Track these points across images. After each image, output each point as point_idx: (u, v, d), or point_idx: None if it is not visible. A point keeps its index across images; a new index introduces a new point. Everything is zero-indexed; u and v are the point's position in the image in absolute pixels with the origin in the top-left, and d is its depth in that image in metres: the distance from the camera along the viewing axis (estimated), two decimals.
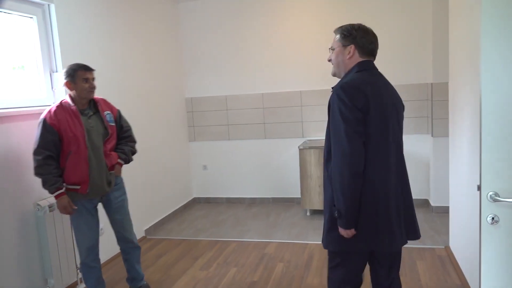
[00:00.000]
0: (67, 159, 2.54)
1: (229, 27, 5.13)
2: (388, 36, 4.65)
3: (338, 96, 1.75)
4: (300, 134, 5.07)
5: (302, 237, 3.99)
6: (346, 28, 1.92)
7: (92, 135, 2.61)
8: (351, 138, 1.71)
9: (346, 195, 1.73)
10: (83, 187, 2.58)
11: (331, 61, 1.98)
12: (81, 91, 2.58)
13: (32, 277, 2.82)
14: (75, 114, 2.56)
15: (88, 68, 2.62)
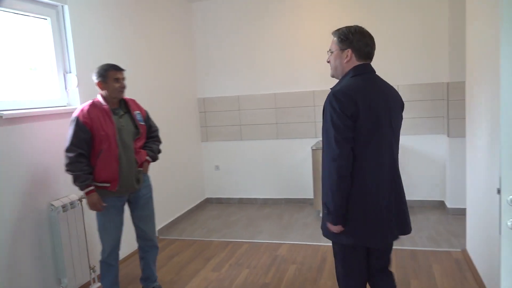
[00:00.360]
0: (98, 157, 2.59)
1: (242, 27, 5.11)
2: (404, 34, 4.57)
3: (330, 103, 1.84)
4: (313, 134, 5.02)
5: (315, 239, 3.95)
6: (343, 32, 1.97)
7: (123, 133, 2.67)
8: (339, 144, 1.82)
9: (334, 195, 1.85)
10: (113, 184, 2.63)
11: (329, 62, 2.05)
12: (112, 90, 2.64)
13: (46, 276, 2.84)
14: (107, 113, 2.62)
15: (118, 68, 2.69)
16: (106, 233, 2.73)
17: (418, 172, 4.73)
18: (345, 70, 1.98)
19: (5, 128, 2.58)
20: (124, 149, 2.66)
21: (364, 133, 1.84)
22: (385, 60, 4.55)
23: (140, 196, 2.84)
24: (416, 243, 3.70)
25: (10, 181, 2.60)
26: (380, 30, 4.58)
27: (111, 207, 2.70)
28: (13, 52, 2.86)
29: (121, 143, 2.64)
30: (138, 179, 2.79)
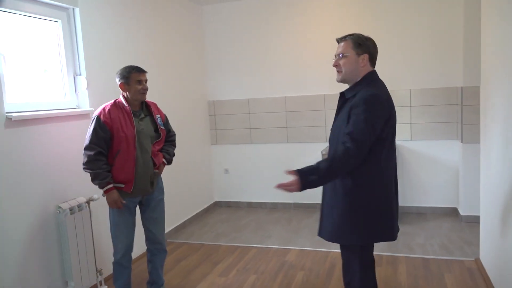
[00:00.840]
0: (115, 158, 2.61)
1: (252, 30, 5.09)
2: (417, 38, 4.50)
3: (371, 104, 1.90)
4: (324, 139, 4.97)
5: (324, 245, 3.88)
6: (360, 37, 2.04)
7: (142, 136, 2.68)
8: (361, 147, 1.88)
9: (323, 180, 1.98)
10: (128, 185, 2.64)
11: (337, 67, 2.08)
12: (134, 92, 2.65)
13: (52, 279, 2.84)
14: (128, 115, 2.64)
15: (141, 70, 2.70)
16: (120, 234, 2.74)
17: (430, 178, 4.64)
18: (360, 74, 2.03)
19: (14, 130, 2.59)
20: (141, 151, 2.67)
21: (389, 138, 1.98)
22: (397, 64, 4.48)
23: (152, 198, 2.84)
24: (428, 251, 3.62)
25: (18, 182, 2.61)
26: (392, 33, 4.52)
27: (125, 208, 2.71)
28: (23, 54, 2.87)
29: (139, 145, 2.65)
30: (153, 182, 2.79)
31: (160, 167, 2.85)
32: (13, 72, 2.75)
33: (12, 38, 2.77)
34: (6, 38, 2.68)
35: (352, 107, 1.93)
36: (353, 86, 2.05)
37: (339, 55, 2.06)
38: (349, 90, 2.06)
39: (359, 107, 1.90)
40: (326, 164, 1.91)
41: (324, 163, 1.92)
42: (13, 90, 2.73)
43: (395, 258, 3.46)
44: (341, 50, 2.06)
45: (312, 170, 1.90)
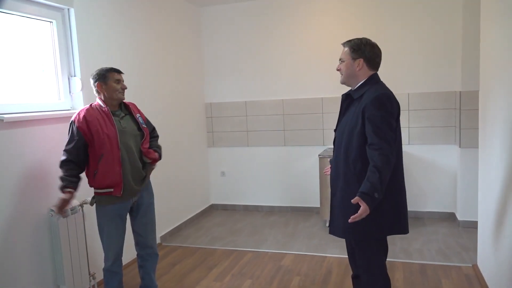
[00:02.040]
0: (99, 162, 2.52)
1: (250, 32, 5.06)
2: (415, 42, 4.48)
3: (382, 104, 2.03)
4: (321, 142, 4.94)
5: (320, 250, 3.85)
6: (355, 43, 2.18)
7: (125, 136, 2.60)
8: (390, 142, 2.01)
9: (383, 185, 1.99)
10: (116, 189, 2.56)
11: (340, 70, 2.26)
12: (113, 92, 2.59)
13: (44, 282, 2.79)
14: (107, 115, 2.57)
15: (119, 71, 2.66)
16: (111, 241, 2.66)
17: (428, 182, 4.62)
18: (359, 78, 2.19)
19: (6, 131, 2.55)
20: (127, 152, 2.59)
21: (398, 135, 2.12)
22: (395, 68, 4.46)
23: (142, 203, 2.78)
24: (425, 256, 3.59)
25: (10, 185, 2.56)
26: (391, 37, 4.50)
27: (114, 215, 2.64)
28: (17, 55, 2.83)
29: (123, 145, 2.57)
30: (144, 180, 2.72)
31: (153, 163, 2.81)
32: (6, 73, 2.71)
33: (6, 39, 2.73)
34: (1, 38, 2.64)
35: (365, 108, 2.04)
36: (359, 87, 2.19)
37: (340, 59, 2.25)
38: (356, 91, 2.20)
39: (373, 107, 2.02)
40: (376, 176, 1.96)
41: (373, 176, 1.97)
42: (6, 91, 2.69)
43: (392, 264, 3.43)
44: (341, 55, 2.24)
45: (370, 188, 1.96)
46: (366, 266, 2.23)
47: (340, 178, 2.20)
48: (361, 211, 1.96)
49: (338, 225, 2.22)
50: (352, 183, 2.11)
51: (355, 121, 2.10)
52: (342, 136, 2.19)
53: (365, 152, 2.06)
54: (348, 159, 2.14)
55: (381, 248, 2.23)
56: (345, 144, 2.15)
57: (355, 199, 1.98)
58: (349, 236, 2.23)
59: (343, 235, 2.24)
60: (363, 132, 2.06)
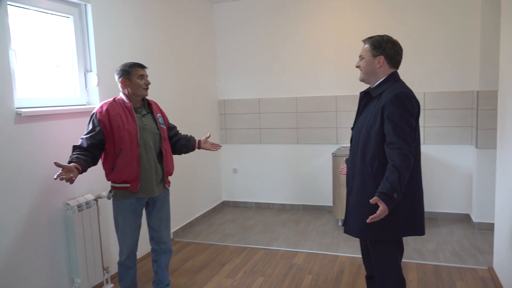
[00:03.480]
0: (117, 157, 2.54)
1: (264, 29, 5.04)
2: (433, 40, 4.41)
3: (402, 103, 2.01)
4: (334, 141, 4.90)
5: (332, 248, 3.83)
6: (376, 40, 2.15)
7: (145, 133, 2.62)
8: (409, 142, 2.00)
9: (402, 185, 1.98)
10: (133, 185, 2.58)
11: (359, 67, 2.22)
12: (136, 88, 2.60)
13: (59, 276, 2.82)
14: (129, 111, 2.59)
15: (143, 66, 2.66)
16: (125, 236, 2.69)
17: (443, 183, 4.55)
18: (379, 75, 2.16)
19: (24, 125, 2.57)
20: (145, 149, 2.61)
21: (417, 134, 2.10)
22: (411, 66, 4.39)
23: (158, 199, 2.79)
24: (439, 258, 3.54)
25: (27, 178, 2.59)
26: (407, 35, 4.43)
27: (130, 210, 2.66)
28: (35, 50, 2.86)
29: (142, 142, 2.59)
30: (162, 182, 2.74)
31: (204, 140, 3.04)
32: (24, 68, 2.74)
33: (24, 34, 2.75)
34: (17, 34, 2.67)
35: (384, 106, 2.02)
36: (378, 85, 2.16)
37: (359, 56, 2.21)
38: (375, 89, 2.17)
39: (392, 106, 2.00)
40: (395, 176, 1.95)
41: (392, 176, 1.96)
42: (24, 86, 2.72)
43: (406, 265, 3.39)
44: (361, 52, 2.20)
45: (389, 189, 1.94)
46: (381, 267, 2.21)
47: (356, 177, 2.18)
48: (379, 211, 1.94)
49: (353, 224, 2.20)
50: (369, 182, 2.10)
51: (374, 119, 2.08)
52: (360, 134, 2.17)
53: (383, 151, 2.04)
54: (365, 158, 2.12)
55: (396, 249, 2.21)
56: (363, 143, 2.14)
57: (373, 199, 1.95)
58: (364, 236, 2.21)
59: (359, 235, 2.22)
60: (382, 131, 2.04)
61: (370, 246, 2.24)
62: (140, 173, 2.59)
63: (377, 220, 1.97)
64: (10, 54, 2.49)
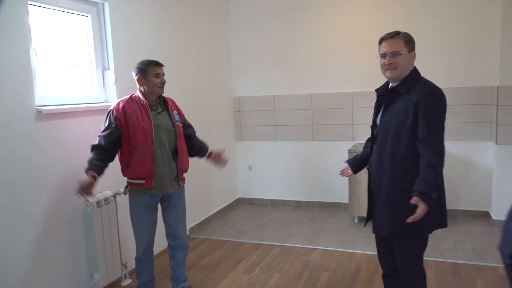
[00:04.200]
0: (132, 154, 2.58)
1: (279, 25, 5.02)
2: (451, 35, 4.33)
3: (439, 100, 2.03)
4: (350, 137, 4.86)
5: (349, 246, 3.81)
6: (407, 34, 2.14)
7: (160, 131, 2.64)
8: (442, 140, 2.03)
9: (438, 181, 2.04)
10: (147, 181, 2.61)
11: (392, 64, 2.11)
12: (152, 86, 2.63)
13: (78, 270, 2.87)
14: (144, 109, 2.62)
15: (159, 64, 2.68)
16: (141, 231, 2.73)
17: (461, 180, 4.48)
18: (408, 71, 2.13)
19: (44, 123, 2.62)
20: (160, 146, 2.63)
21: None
22: (429, 62, 4.31)
23: (173, 195, 2.81)
24: (458, 256, 3.49)
25: (48, 175, 2.64)
26: (423, 29, 4.36)
27: (145, 206, 2.69)
28: (54, 48, 2.90)
29: (157, 140, 2.61)
30: (176, 179, 2.76)
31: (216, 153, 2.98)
32: (43, 66, 2.78)
33: (43, 33, 2.80)
34: (37, 33, 2.71)
35: (418, 103, 1.99)
36: (404, 81, 2.11)
37: (393, 53, 2.09)
38: (402, 85, 2.11)
39: (428, 102, 1.98)
40: (432, 175, 1.95)
41: (429, 175, 1.95)
42: (43, 84, 2.76)
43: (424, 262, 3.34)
44: (395, 48, 2.09)
45: (428, 188, 1.93)
46: (409, 262, 2.19)
47: (386, 176, 2.12)
48: (420, 211, 1.91)
49: (384, 224, 2.16)
50: (400, 180, 2.07)
51: (404, 116, 2.03)
52: (387, 132, 2.11)
53: (415, 147, 2.00)
54: (395, 156, 2.07)
55: (425, 244, 2.20)
56: (392, 140, 2.08)
57: (414, 200, 1.92)
58: (398, 234, 2.15)
59: (391, 234, 2.17)
60: (414, 127, 2.01)
61: (397, 243, 2.19)
62: (155, 170, 2.61)
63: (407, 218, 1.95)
64: (31, 53, 2.53)
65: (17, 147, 2.43)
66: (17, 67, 2.44)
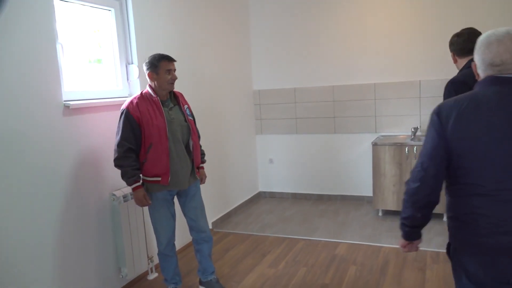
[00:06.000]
0: (148, 152, 2.56)
1: (299, 16, 4.95)
2: (481, 22, 4.19)
3: None
4: (373, 129, 4.78)
5: (375, 239, 3.75)
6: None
7: (173, 126, 2.61)
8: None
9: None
10: (164, 178, 2.59)
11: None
12: (163, 82, 2.58)
13: (106, 264, 2.89)
14: (156, 105, 2.58)
15: (171, 59, 2.62)
16: (161, 226, 2.73)
17: None
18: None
19: (71, 118, 2.63)
20: (174, 142, 2.60)
21: None
22: None
23: (189, 188, 2.79)
24: None
25: (75, 169, 2.65)
26: (447, 18, 4.23)
27: (162, 200, 2.69)
28: (78, 43, 2.91)
29: (171, 136, 2.58)
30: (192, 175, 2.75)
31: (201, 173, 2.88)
32: (69, 61, 2.78)
33: (68, 27, 2.80)
34: (63, 27, 2.71)
35: None
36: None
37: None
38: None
39: None
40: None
41: None
42: (69, 79, 2.77)
43: None
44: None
45: None
46: None
47: None
48: None
49: None
50: None
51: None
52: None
53: None
54: None
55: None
56: None
57: None
58: None
59: None
60: None
61: None
62: (170, 166, 2.59)
63: None
64: (57, 47, 2.54)
65: (45, 142, 2.44)
66: (45, 62, 2.45)
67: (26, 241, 2.32)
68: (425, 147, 1.50)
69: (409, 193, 1.54)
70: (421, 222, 1.60)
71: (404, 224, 1.62)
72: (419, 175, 1.49)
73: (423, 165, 1.48)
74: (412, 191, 1.53)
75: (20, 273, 2.29)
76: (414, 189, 1.52)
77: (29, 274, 2.34)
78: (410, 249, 1.72)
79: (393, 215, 4.33)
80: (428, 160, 1.48)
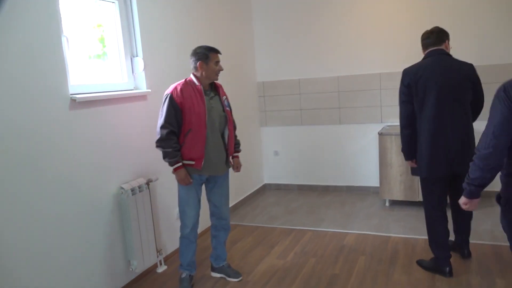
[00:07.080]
0: (186, 136, 2.66)
1: (303, 5, 4.90)
2: (483, 10, 4.15)
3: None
4: (379, 120, 4.75)
5: (383, 229, 3.74)
6: None
7: (213, 115, 2.71)
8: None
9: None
10: (197, 162, 2.69)
11: None
12: (211, 72, 2.70)
13: (116, 257, 2.89)
14: (199, 93, 2.68)
15: (218, 51, 2.74)
16: (189, 208, 2.79)
17: None
18: None
19: (78, 111, 2.61)
20: (212, 130, 2.70)
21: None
22: (460, 40, 4.15)
23: (218, 176, 2.87)
24: (497, 237, 3.39)
25: (84, 162, 2.64)
26: (450, 8, 4.19)
27: (194, 184, 2.76)
28: (83, 36, 2.88)
29: (210, 124, 2.68)
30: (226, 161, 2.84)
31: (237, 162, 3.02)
32: (74, 54, 2.76)
33: (73, 20, 2.77)
34: (68, 20, 2.68)
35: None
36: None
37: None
38: None
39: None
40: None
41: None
42: (76, 72, 2.75)
43: None
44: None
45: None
46: None
47: None
48: None
49: None
50: None
51: None
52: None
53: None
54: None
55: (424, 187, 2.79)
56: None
57: None
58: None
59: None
60: None
61: None
62: (205, 152, 2.68)
63: None
64: (62, 40, 2.51)
65: (52, 135, 2.43)
66: (50, 55, 2.42)
67: (35, 234, 2.32)
68: (494, 119, 1.74)
69: (480, 157, 1.80)
70: (487, 182, 1.84)
71: (471, 184, 1.87)
72: (491, 143, 1.74)
73: (495, 133, 1.73)
74: (483, 156, 1.78)
75: (30, 266, 2.29)
76: (485, 154, 1.77)
77: (39, 267, 2.34)
78: (470, 206, 1.95)
79: (400, 205, 4.32)
80: (499, 129, 1.72)
